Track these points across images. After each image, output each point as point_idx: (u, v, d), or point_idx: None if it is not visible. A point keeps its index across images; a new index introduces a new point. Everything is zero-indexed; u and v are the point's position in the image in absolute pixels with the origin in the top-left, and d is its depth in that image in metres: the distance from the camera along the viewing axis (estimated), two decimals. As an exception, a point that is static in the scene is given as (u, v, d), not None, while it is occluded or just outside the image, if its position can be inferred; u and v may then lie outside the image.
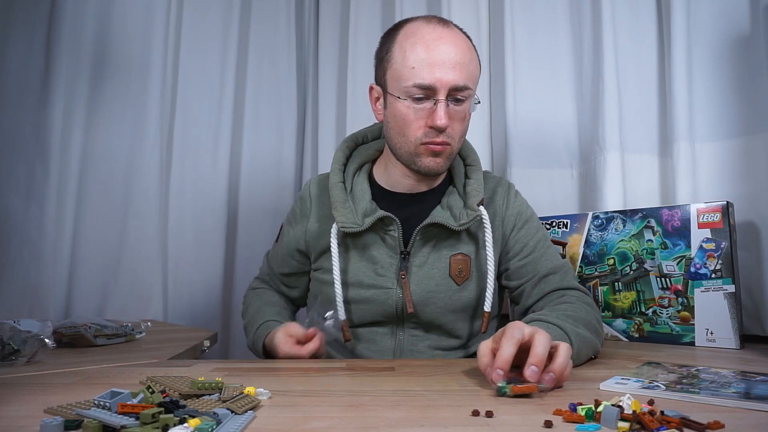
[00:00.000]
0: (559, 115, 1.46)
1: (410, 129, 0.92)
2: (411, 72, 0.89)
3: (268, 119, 1.83)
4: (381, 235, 0.99)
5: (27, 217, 1.40)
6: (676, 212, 1.08)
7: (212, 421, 0.49)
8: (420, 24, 0.93)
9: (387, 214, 0.96)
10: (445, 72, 0.88)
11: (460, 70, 0.89)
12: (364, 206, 0.99)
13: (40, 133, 1.40)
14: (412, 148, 0.94)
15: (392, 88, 0.93)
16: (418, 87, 0.89)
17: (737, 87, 1.20)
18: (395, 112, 0.93)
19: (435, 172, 0.96)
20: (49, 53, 1.43)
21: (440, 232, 0.98)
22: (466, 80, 0.90)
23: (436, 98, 0.89)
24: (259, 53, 1.83)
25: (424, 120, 0.91)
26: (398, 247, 0.98)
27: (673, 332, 1.07)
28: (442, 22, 0.93)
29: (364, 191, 1.01)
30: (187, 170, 1.69)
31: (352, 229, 0.96)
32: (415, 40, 0.91)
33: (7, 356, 0.84)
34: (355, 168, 1.05)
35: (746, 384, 0.67)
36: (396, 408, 0.59)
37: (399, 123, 0.93)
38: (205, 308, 1.67)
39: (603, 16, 1.35)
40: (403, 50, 0.91)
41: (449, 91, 0.89)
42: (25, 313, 1.34)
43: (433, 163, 0.94)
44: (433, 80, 0.88)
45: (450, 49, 0.89)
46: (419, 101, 0.90)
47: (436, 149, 0.92)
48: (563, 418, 0.53)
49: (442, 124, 0.89)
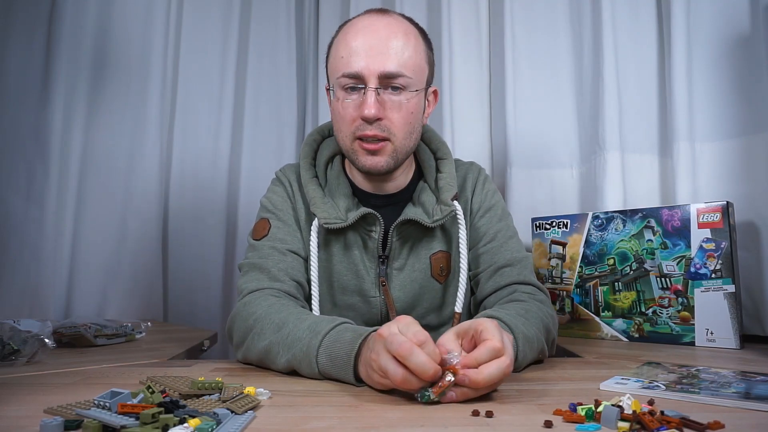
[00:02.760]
0: (559, 115, 1.47)
1: (344, 123, 0.88)
2: (340, 62, 0.86)
3: (268, 119, 1.83)
4: (362, 235, 0.94)
5: (27, 217, 1.39)
6: (676, 212, 1.08)
7: (212, 421, 0.49)
8: (359, 17, 0.90)
9: (370, 211, 0.91)
10: (373, 59, 0.84)
11: (391, 56, 0.84)
12: (346, 202, 0.94)
13: (40, 133, 1.40)
14: (348, 143, 0.89)
15: (331, 84, 0.91)
16: (346, 76, 0.85)
17: (737, 87, 1.20)
18: (333, 107, 0.91)
19: (377, 171, 0.90)
20: (49, 53, 1.43)
21: (415, 231, 0.94)
22: (400, 67, 0.85)
23: (366, 87, 0.85)
24: (259, 53, 1.83)
25: (356, 112, 0.86)
26: (377, 251, 0.93)
27: (673, 332, 1.07)
28: (381, 12, 0.90)
29: (343, 184, 0.96)
30: (187, 170, 1.69)
31: (335, 224, 0.89)
32: (347, 30, 0.88)
33: (7, 356, 0.84)
34: (326, 160, 0.98)
35: (746, 384, 0.67)
36: (396, 408, 0.59)
37: (336, 118, 0.90)
38: (205, 308, 1.67)
39: (603, 16, 1.35)
40: (336, 42, 0.89)
41: (380, 78, 0.84)
42: (25, 313, 1.34)
43: (371, 162, 0.88)
44: (360, 67, 0.84)
45: (379, 36, 0.85)
46: (351, 92, 0.86)
47: (370, 147, 0.87)
48: (563, 418, 0.53)
49: (369, 114, 0.83)
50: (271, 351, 0.76)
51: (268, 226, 0.95)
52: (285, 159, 1.85)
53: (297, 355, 0.72)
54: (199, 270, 1.67)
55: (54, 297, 1.39)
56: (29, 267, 1.38)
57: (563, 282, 1.21)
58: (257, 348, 0.78)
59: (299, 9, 1.92)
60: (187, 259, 1.65)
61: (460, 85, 1.57)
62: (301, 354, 0.71)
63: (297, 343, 0.72)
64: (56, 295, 1.40)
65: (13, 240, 1.38)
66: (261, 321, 0.79)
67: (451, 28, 1.56)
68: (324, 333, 0.70)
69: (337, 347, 0.68)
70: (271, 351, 0.76)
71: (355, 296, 0.95)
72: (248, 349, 0.81)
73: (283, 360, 0.74)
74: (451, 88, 1.55)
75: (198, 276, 1.66)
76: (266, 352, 0.77)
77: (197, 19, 1.72)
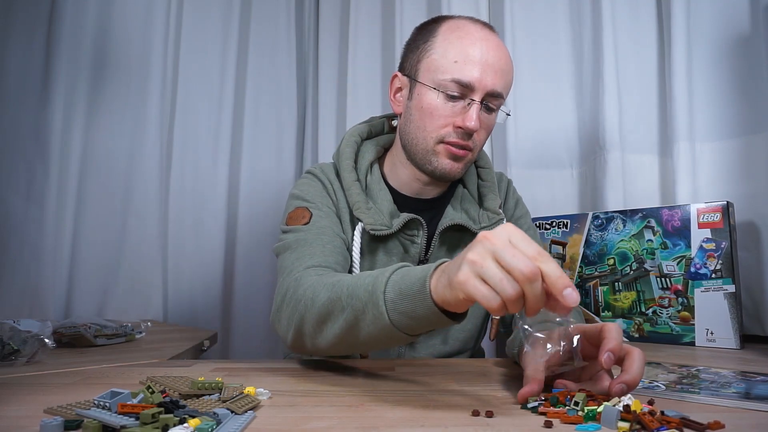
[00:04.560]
0: (559, 115, 1.47)
1: (434, 123, 0.86)
2: (452, 65, 0.84)
3: (268, 119, 1.83)
4: (402, 241, 0.92)
5: (27, 217, 1.39)
6: (676, 212, 1.08)
7: (212, 421, 0.49)
8: (466, 21, 0.88)
9: (415, 216, 0.90)
10: (487, 74, 0.83)
11: (501, 76, 0.85)
12: (389, 207, 0.92)
13: (40, 133, 1.40)
14: (431, 144, 0.87)
15: (425, 78, 0.87)
16: (456, 82, 0.83)
17: (737, 87, 1.20)
18: (422, 103, 0.87)
19: (450, 176, 0.89)
20: (49, 53, 1.43)
21: (456, 237, 0.94)
22: (504, 89, 0.86)
23: (471, 98, 0.84)
24: (259, 53, 1.83)
25: (452, 118, 0.85)
26: (419, 256, 0.93)
27: (673, 332, 1.07)
28: (487, 27, 0.89)
29: (384, 191, 0.94)
30: (187, 170, 1.69)
31: (381, 231, 0.88)
32: (462, 34, 0.86)
33: (7, 356, 0.84)
34: (367, 165, 0.96)
35: (746, 384, 0.67)
36: (396, 408, 0.59)
37: (424, 115, 0.87)
38: (205, 308, 1.66)
39: (603, 16, 1.35)
40: (446, 41, 0.86)
41: (485, 95, 0.84)
42: (25, 313, 1.34)
43: (451, 166, 0.88)
44: (474, 79, 0.83)
45: (496, 53, 0.85)
46: (452, 98, 0.85)
47: (458, 153, 0.86)
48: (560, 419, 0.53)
49: (473, 126, 0.83)
50: (334, 309, 0.66)
51: (309, 214, 0.88)
52: (285, 159, 1.85)
53: (362, 298, 0.62)
54: (199, 270, 1.66)
55: (54, 297, 1.39)
56: (29, 267, 1.38)
57: (563, 282, 1.21)
58: (315, 313, 0.68)
59: (299, 9, 1.92)
60: (187, 259, 1.65)
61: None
62: (366, 295, 0.61)
63: (359, 290, 0.63)
64: (56, 295, 1.40)
65: (13, 240, 1.38)
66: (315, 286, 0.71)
67: (451, 28, 1.56)
68: (391, 271, 0.62)
69: (407, 279, 0.59)
70: (333, 309, 0.66)
71: None
72: (303, 320, 0.70)
73: (344, 316, 0.65)
74: (451, 88, 1.55)
75: (198, 276, 1.66)
76: (326, 312, 0.67)
77: (197, 19, 1.72)
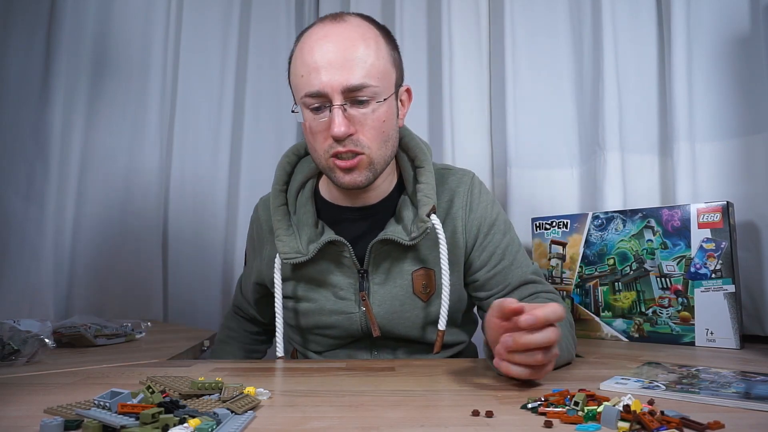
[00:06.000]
0: (559, 115, 1.47)
1: (317, 141, 0.84)
2: (301, 81, 0.81)
3: (268, 119, 1.83)
4: (334, 257, 0.90)
5: (27, 217, 1.40)
6: (676, 212, 1.08)
7: (212, 421, 0.49)
8: (313, 27, 0.84)
9: (334, 237, 0.88)
10: (332, 73, 0.78)
11: (351, 67, 0.78)
12: (309, 232, 0.91)
13: (40, 133, 1.40)
14: (324, 162, 0.85)
15: (297, 101, 0.85)
16: (309, 96, 0.80)
17: (737, 87, 1.20)
18: (304, 126, 0.85)
19: (355, 187, 0.85)
20: (49, 53, 1.43)
21: (395, 248, 0.90)
22: (363, 78, 0.79)
23: (331, 104, 0.79)
24: (259, 53, 1.83)
25: (327, 131, 0.81)
26: (354, 266, 0.90)
27: (673, 332, 1.07)
28: (335, 18, 0.83)
29: (308, 213, 0.92)
30: (187, 170, 1.69)
31: (296, 259, 0.88)
32: (303, 45, 0.82)
33: (7, 356, 0.84)
34: (298, 186, 0.95)
35: (746, 384, 0.67)
36: (396, 408, 0.59)
37: (308, 136, 0.85)
38: (205, 308, 1.67)
39: (603, 16, 1.35)
40: (295, 59, 0.84)
41: (344, 93, 0.79)
42: (25, 313, 1.34)
43: (349, 179, 0.84)
44: (321, 85, 0.78)
45: (337, 46, 0.79)
46: (317, 111, 0.81)
47: (343, 165, 0.82)
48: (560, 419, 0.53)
49: (338, 133, 0.79)
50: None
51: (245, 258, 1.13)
52: (285, 159, 1.84)
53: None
54: (199, 270, 1.67)
55: (54, 297, 1.39)
56: (29, 267, 1.38)
57: (563, 282, 1.21)
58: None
59: (299, 9, 1.92)
60: (187, 259, 1.65)
61: (460, 86, 1.56)
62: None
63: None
64: (56, 295, 1.40)
65: (13, 240, 1.38)
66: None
67: (451, 29, 1.56)
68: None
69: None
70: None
71: (333, 315, 0.92)
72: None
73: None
74: (451, 88, 1.55)
75: (198, 276, 1.66)
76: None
77: (197, 19, 1.72)
